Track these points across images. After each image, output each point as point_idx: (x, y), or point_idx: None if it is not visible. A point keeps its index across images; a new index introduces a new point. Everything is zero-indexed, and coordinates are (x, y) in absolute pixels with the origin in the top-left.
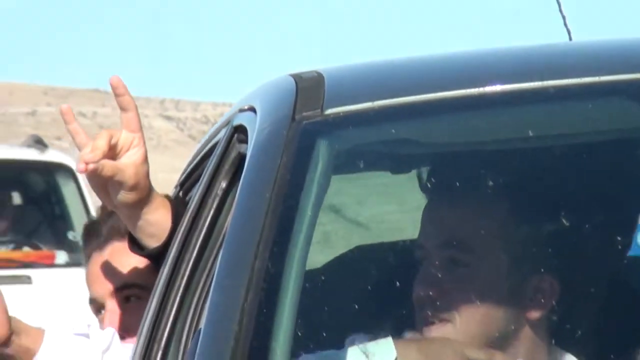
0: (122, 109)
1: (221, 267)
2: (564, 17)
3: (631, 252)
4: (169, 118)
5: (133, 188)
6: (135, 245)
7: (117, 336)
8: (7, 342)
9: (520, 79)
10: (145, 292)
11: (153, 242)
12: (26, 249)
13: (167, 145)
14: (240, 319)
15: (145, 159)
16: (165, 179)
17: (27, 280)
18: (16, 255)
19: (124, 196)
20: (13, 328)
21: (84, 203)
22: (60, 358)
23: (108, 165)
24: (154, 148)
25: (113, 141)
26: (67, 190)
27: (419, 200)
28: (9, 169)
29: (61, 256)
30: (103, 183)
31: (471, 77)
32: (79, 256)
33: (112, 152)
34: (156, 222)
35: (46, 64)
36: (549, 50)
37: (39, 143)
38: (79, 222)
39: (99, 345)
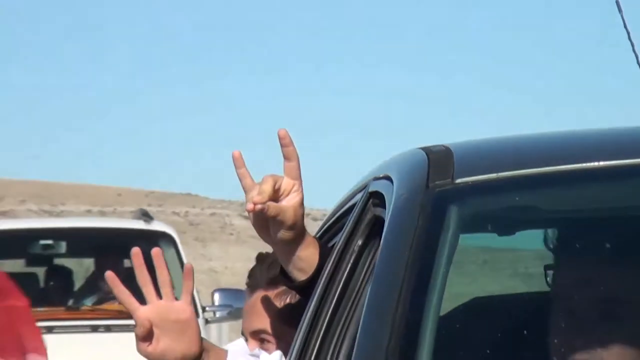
0: (286, 158)
1: (367, 313)
2: None
3: None
4: (246, 217)
5: (291, 227)
6: (287, 278)
7: (284, 358)
8: (198, 358)
9: (623, 155)
10: (275, 339)
11: (302, 276)
12: None
13: (245, 240)
14: (385, 359)
15: (302, 203)
16: (244, 266)
17: (133, 328)
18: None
19: (283, 234)
20: (203, 346)
21: (181, 265)
22: None
23: (272, 207)
24: (235, 241)
25: (276, 186)
26: (168, 255)
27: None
28: (122, 237)
29: None
30: (265, 222)
31: (580, 153)
32: None
33: (275, 195)
34: (306, 258)
35: (147, 170)
36: None
37: (145, 215)
38: (177, 281)
39: None
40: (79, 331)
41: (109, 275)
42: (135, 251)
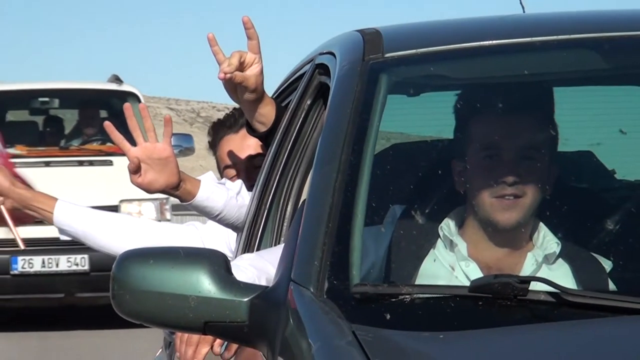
0: (249, 38)
1: (318, 157)
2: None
3: None
4: (170, 109)
5: (253, 91)
6: (250, 129)
7: (244, 186)
8: (177, 186)
9: (511, 35)
10: (242, 173)
11: (262, 128)
12: (109, 144)
13: None
14: (332, 193)
15: (262, 72)
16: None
17: (109, 162)
18: (103, 147)
19: (247, 96)
20: (182, 178)
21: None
22: (211, 198)
23: (238, 75)
24: (162, 125)
25: (242, 59)
26: (135, 108)
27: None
28: (99, 95)
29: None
30: (234, 87)
31: (478, 34)
32: None
33: (241, 67)
34: (266, 114)
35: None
36: (528, 17)
37: (117, 79)
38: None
39: (233, 190)
40: (69, 165)
41: (107, 124)
42: (127, 105)
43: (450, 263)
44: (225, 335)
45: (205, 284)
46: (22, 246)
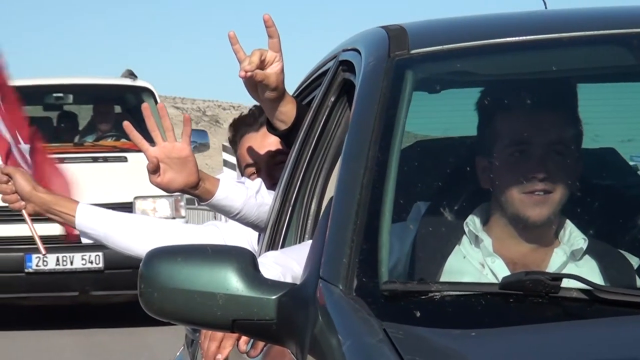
0: (270, 36)
1: (345, 154)
2: None
3: None
4: (177, 107)
5: (274, 89)
6: (271, 128)
7: (263, 184)
8: (196, 186)
9: (536, 32)
10: (263, 172)
11: (283, 126)
12: (123, 140)
13: (175, 122)
14: (360, 190)
15: (282, 70)
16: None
17: (124, 159)
18: (117, 143)
19: (268, 94)
20: (200, 177)
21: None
22: (230, 197)
23: (259, 73)
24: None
25: (262, 57)
26: (150, 104)
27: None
28: (113, 91)
29: None
30: (254, 85)
31: (504, 30)
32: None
33: (262, 65)
34: (286, 112)
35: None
36: (553, 13)
37: (132, 75)
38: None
39: (253, 189)
40: (83, 161)
41: (126, 124)
42: (145, 105)
43: (479, 260)
44: (254, 333)
45: (233, 282)
46: (43, 251)
